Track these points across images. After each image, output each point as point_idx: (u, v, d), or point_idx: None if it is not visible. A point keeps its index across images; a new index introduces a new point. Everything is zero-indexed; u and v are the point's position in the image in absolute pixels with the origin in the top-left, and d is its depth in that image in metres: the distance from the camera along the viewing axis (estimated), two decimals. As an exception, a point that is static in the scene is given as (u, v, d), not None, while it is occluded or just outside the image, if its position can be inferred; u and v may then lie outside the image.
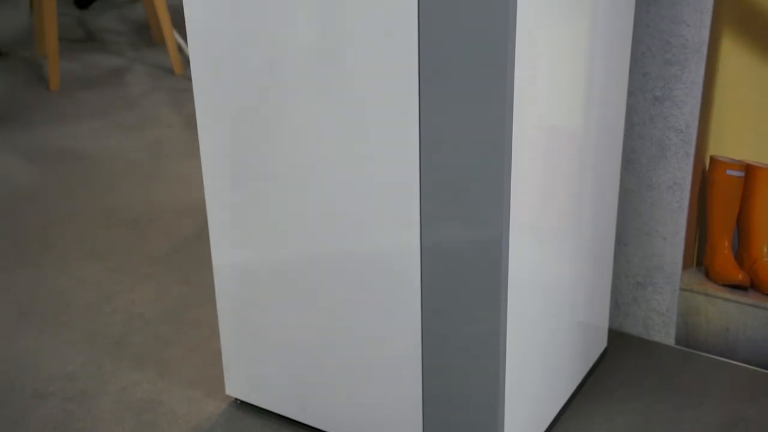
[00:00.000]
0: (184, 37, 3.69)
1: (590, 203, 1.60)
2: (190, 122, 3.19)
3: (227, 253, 1.60)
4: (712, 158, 1.80)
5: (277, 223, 1.51)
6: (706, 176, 1.81)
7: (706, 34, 1.63)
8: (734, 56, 1.73)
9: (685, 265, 1.83)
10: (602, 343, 1.81)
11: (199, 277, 2.17)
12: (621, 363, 1.81)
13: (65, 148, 2.97)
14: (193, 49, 1.52)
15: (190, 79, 3.43)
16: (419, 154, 1.31)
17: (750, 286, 1.80)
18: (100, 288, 2.15)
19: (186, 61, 3.64)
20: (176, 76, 3.62)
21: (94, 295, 2.12)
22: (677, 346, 1.86)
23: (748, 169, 1.77)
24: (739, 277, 1.78)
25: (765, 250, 1.80)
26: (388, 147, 1.34)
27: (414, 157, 1.32)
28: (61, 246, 2.36)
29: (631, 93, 1.74)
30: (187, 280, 2.17)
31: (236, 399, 1.73)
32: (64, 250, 2.34)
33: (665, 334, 1.86)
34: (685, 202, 1.75)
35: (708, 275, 1.84)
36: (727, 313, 1.80)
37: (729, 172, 1.77)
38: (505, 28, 1.20)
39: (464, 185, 1.29)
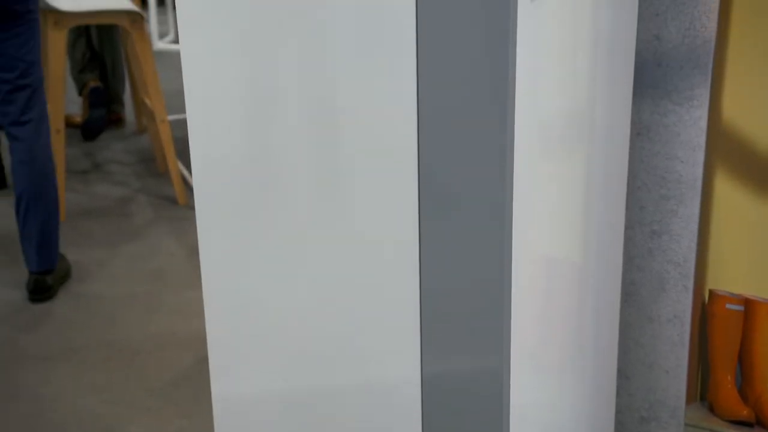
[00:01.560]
0: (188, 167, 3.77)
1: (591, 335, 1.60)
2: (192, 253, 3.21)
3: (227, 386, 1.59)
4: (711, 292, 1.81)
5: (279, 357, 1.50)
6: (706, 310, 1.82)
7: (699, 170, 1.67)
8: (729, 191, 1.76)
9: (689, 400, 1.82)
10: (607, 480, 1.78)
11: (198, 411, 2.15)
12: (627, 501, 1.77)
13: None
14: (196, 180, 1.55)
15: (193, 208, 3.48)
16: (419, 283, 1.32)
17: (755, 422, 1.78)
18: (99, 421, 2.13)
19: (190, 191, 3.70)
20: (180, 206, 3.67)
21: (92, 428, 2.10)
22: (684, 483, 1.82)
23: (748, 304, 1.78)
24: (744, 413, 1.76)
25: (768, 384, 1.79)
26: (387, 281, 1.35)
27: (414, 286, 1.33)
28: (60, 378, 2.34)
29: (629, 226, 1.77)
30: (187, 414, 2.15)
31: None
32: (63, 382, 2.32)
33: (671, 471, 1.83)
34: (686, 336, 1.75)
35: (712, 410, 1.82)
36: (733, 448, 1.77)
37: (728, 306, 1.77)
38: (503, 163, 1.23)
39: (464, 315, 1.30)
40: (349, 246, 1.39)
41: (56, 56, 3.30)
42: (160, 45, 5.70)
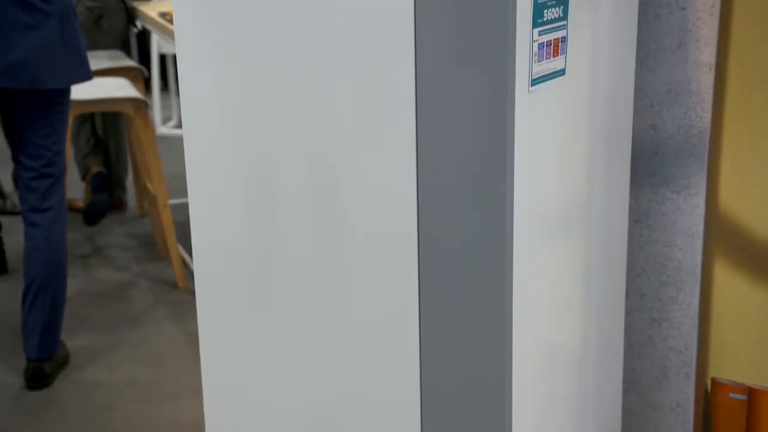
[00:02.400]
0: (189, 251, 3.77)
1: (592, 422, 1.58)
2: (191, 338, 3.20)
3: (226, 478, 1.57)
4: (713, 380, 1.80)
5: (278, 448, 1.49)
6: (709, 398, 1.80)
7: (698, 257, 1.68)
8: (729, 279, 1.77)
9: (694, 490, 1.79)
10: None
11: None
12: None
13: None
14: (197, 264, 1.55)
15: (193, 293, 3.47)
16: (420, 372, 1.32)
17: None
18: None
19: (190, 275, 3.70)
20: (180, 291, 3.66)
21: None
22: None
23: (751, 393, 1.76)
24: (750, 502, 1.73)
25: (774, 474, 1.76)
26: (387, 369, 1.35)
27: (415, 374, 1.32)
28: (55, 467, 2.31)
29: (629, 313, 1.77)
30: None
31: None
32: (58, 471, 2.29)
33: None
34: (690, 425, 1.73)
35: (718, 501, 1.79)
36: None
37: (731, 395, 1.76)
38: (502, 251, 1.24)
39: (465, 401, 1.29)
40: (349, 334, 1.39)
41: (61, 143, 3.33)
42: (163, 130, 5.77)
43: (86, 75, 2.72)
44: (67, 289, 2.87)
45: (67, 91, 2.70)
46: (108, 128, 4.28)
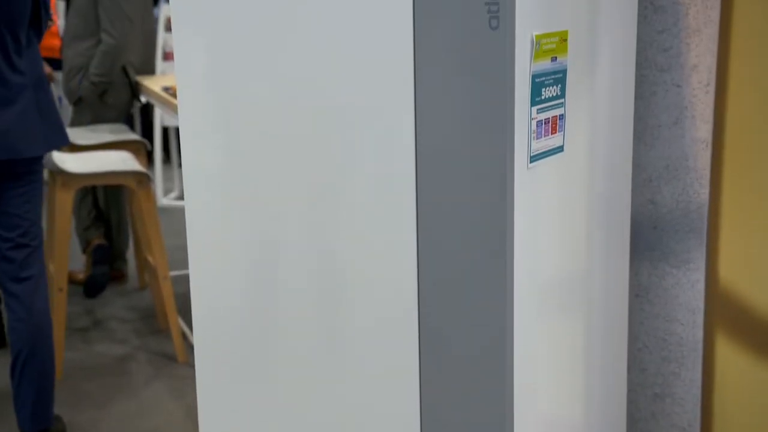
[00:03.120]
0: (189, 324, 3.76)
1: (597, 505, 1.56)
2: (190, 413, 3.17)
3: None
4: (718, 456, 1.77)
5: None
6: (714, 475, 1.78)
7: (700, 333, 1.67)
8: (731, 354, 1.76)
9: None
10: None
11: None
12: None
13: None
14: (197, 337, 1.55)
15: (192, 366, 3.44)
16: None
17: None
18: None
19: (190, 348, 3.68)
20: (180, 364, 3.64)
21: None
22: None
23: (756, 468, 1.74)
24: None
25: None
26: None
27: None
28: None
29: (631, 389, 1.76)
30: None
31: None
32: None
33: None
34: (695, 503, 1.70)
35: None
36: None
37: (736, 472, 1.73)
38: (503, 327, 1.24)
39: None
40: (351, 405, 1.38)
41: (63, 216, 3.35)
42: (164, 201, 5.80)
43: (63, 140, 2.76)
44: (55, 358, 2.84)
45: (41, 159, 2.73)
46: (110, 201, 4.31)
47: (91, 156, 3.60)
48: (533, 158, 1.30)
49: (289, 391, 1.45)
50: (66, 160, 3.42)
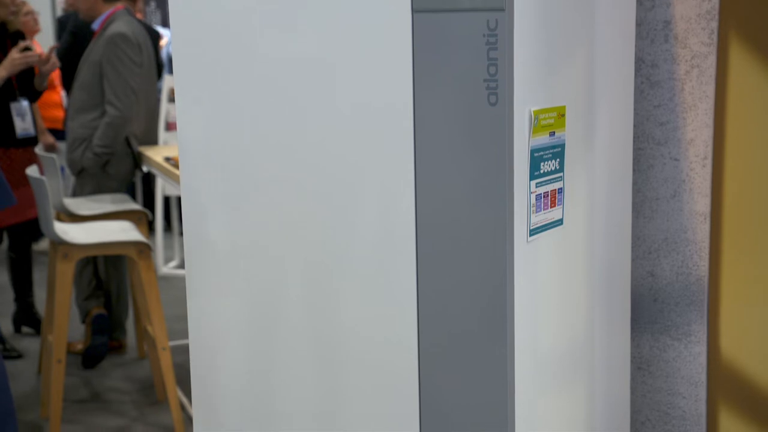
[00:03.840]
0: (188, 395, 3.72)
1: None
2: (188, 486, 3.12)
3: None
4: None
5: None
6: None
7: (702, 406, 1.66)
8: (733, 427, 1.74)
9: None
10: None
11: None
12: None
13: None
14: (196, 410, 1.53)
15: (191, 439, 3.40)
16: None
17: None
18: None
19: (188, 420, 3.64)
20: (177, 436, 3.60)
21: None
22: None
23: None
24: None
25: None
26: None
27: None
28: None
29: (635, 464, 1.74)
30: None
31: None
32: None
33: None
34: None
35: None
36: None
37: None
38: (504, 399, 1.23)
39: None
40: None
41: (63, 288, 3.35)
42: (165, 270, 5.79)
43: (9, 200, 2.80)
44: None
45: None
46: (110, 270, 4.30)
47: (92, 226, 3.61)
48: (533, 231, 1.31)
49: (289, 467, 1.44)
50: (68, 231, 3.43)
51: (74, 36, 5.05)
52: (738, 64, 1.59)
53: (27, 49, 3.96)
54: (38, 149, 4.16)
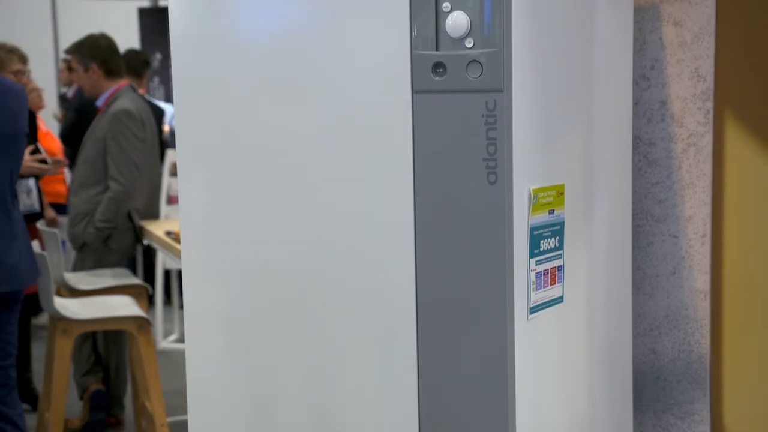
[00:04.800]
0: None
1: None
2: None
3: None
4: None
5: None
6: None
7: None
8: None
9: None
10: None
11: None
12: None
13: None
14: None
15: None
16: None
17: None
18: None
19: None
20: None
21: None
22: None
23: None
24: None
25: None
26: None
27: None
28: None
29: None
30: None
31: None
32: None
33: None
34: None
35: None
36: None
37: None
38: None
39: None
40: None
41: (62, 364, 3.32)
42: (164, 344, 5.76)
43: (38, 271, 2.97)
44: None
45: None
46: (109, 345, 4.28)
47: (92, 301, 3.60)
48: (533, 309, 1.31)
49: None
50: (67, 306, 3.42)
51: (78, 114, 5.12)
52: (734, 143, 1.61)
53: (36, 150, 4.06)
54: (40, 224, 4.17)
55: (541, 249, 1.32)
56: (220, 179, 1.47)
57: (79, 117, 5.02)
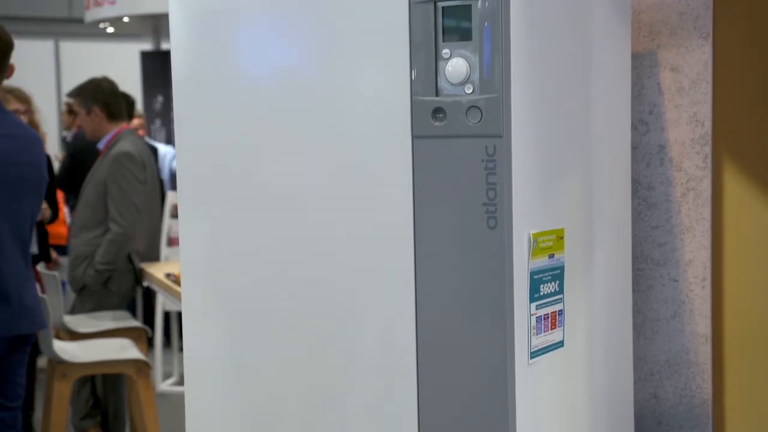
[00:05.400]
0: None
1: None
2: None
3: None
4: None
5: None
6: None
7: None
8: None
9: None
10: None
11: None
12: None
13: None
14: None
15: None
16: None
17: None
18: None
19: None
20: None
21: None
22: None
23: None
24: None
25: None
26: None
27: None
28: None
29: None
30: None
31: None
32: None
33: None
34: None
35: None
36: None
37: None
38: None
39: None
40: None
41: (60, 407, 3.30)
42: (163, 387, 5.72)
43: (43, 324, 2.96)
44: None
45: None
46: (108, 388, 4.25)
47: (91, 344, 3.59)
48: (533, 354, 1.30)
49: None
50: (66, 350, 3.41)
51: (72, 157, 5.18)
52: (732, 187, 1.62)
53: None
54: (40, 267, 4.17)
55: (542, 293, 1.32)
56: (220, 222, 1.47)
57: (72, 161, 5.08)
